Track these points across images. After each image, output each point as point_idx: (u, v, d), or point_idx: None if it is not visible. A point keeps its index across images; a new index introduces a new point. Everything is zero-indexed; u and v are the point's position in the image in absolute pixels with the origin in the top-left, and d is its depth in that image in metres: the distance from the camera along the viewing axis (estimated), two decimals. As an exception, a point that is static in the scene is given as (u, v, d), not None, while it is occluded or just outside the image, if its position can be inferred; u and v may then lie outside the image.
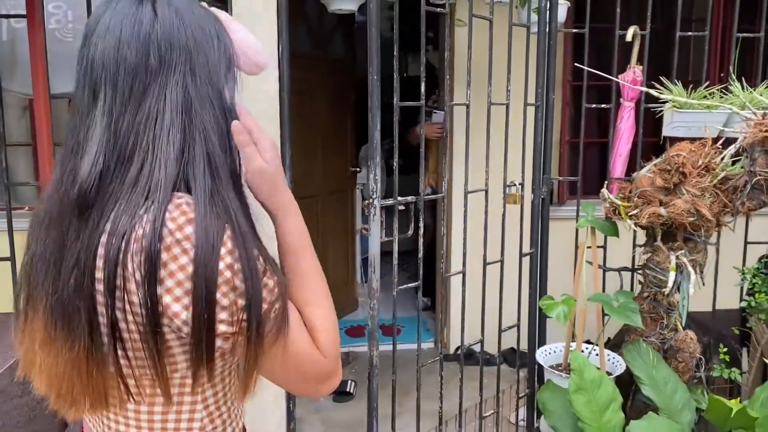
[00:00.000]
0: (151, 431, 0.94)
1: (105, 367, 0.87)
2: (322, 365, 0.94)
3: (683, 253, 2.32)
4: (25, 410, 1.81)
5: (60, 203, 0.89)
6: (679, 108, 2.41)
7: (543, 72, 2.62)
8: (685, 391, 2.31)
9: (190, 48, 0.90)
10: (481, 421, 2.61)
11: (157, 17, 0.89)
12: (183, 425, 0.95)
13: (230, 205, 0.87)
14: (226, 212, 0.86)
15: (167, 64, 0.88)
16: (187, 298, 0.83)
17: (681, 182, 2.24)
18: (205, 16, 0.94)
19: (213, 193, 0.86)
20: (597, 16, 3.04)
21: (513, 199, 2.61)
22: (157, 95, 0.88)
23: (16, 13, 2.37)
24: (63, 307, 0.86)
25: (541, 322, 2.79)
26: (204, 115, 0.89)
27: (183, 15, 0.90)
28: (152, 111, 0.87)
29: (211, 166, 0.88)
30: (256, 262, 0.87)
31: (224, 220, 0.85)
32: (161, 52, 0.88)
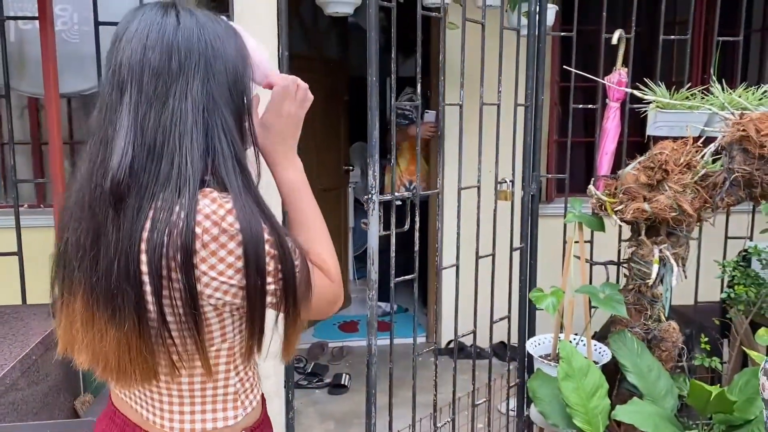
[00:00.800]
0: (191, 399, 1.04)
1: (153, 344, 0.96)
2: (333, 290, 1.09)
3: (666, 246, 2.43)
4: (33, 401, 1.88)
5: (92, 194, 0.97)
6: (662, 108, 2.52)
7: (533, 74, 2.72)
8: (668, 378, 2.42)
9: (208, 55, 0.98)
10: (474, 408, 2.71)
11: (180, 26, 0.98)
12: (220, 392, 1.06)
13: (259, 197, 0.99)
14: (257, 203, 0.98)
15: (187, 68, 0.97)
16: (242, 279, 0.94)
17: (664, 179, 2.35)
18: (225, 28, 1.02)
19: (244, 187, 0.97)
20: (584, 19, 3.15)
21: (504, 196, 2.71)
22: (179, 96, 0.96)
23: (24, 15, 2.44)
24: (107, 291, 0.95)
25: (530, 315, 2.90)
26: (226, 117, 0.99)
27: (203, 25, 0.99)
28: (176, 111, 0.96)
29: (240, 164, 0.99)
30: (287, 242, 0.99)
31: (258, 210, 0.96)
32: (181, 57, 0.97)
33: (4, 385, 1.66)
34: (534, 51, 2.71)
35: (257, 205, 0.97)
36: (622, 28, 2.70)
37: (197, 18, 1.00)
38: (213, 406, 1.07)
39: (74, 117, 3.95)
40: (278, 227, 0.99)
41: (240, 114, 1.02)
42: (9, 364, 1.70)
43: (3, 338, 1.90)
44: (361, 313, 4.80)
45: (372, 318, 2.18)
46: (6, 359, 1.74)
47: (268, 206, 1.01)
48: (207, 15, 1.02)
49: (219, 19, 1.04)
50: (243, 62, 1.03)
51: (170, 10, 1.00)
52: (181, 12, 1.00)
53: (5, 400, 1.68)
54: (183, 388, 1.04)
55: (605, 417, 2.26)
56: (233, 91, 1.00)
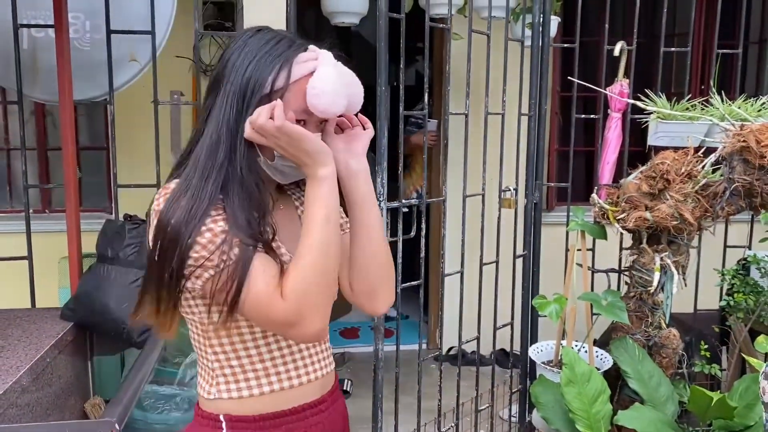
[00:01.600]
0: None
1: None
2: (280, 309, 1.04)
3: (667, 255, 2.47)
4: (43, 403, 1.91)
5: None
6: (663, 119, 2.57)
7: (536, 84, 2.77)
8: (669, 384, 2.45)
9: (230, 74, 1.10)
10: (477, 414, 2.74)
11: (237, 44, 1.12)
12: (204, 362, 1.19)
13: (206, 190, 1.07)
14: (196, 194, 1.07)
15: (220, 81, 1.11)
16: (152, 255, 1.10)
17: (665, 188, 2.39)
18: (271, 54, 1.09)
19: (194, 178, 1.07)
20: (585, 30, 3.20)
21: (507, 204, 2.76)
22: (213, 102, 1.11)
23: (37, 23, 2.48)
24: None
25: (533, 321, 2.93)
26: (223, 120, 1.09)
27: (244, 49, 1.10)
28: (209, 110, 1.11)
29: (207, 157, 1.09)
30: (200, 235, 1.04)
31: (191, 199, 1.06)
32: (221, 73, 1.11)
33: (20, 386, 1.68)
34: (538, 62, 2.76)
35: (193, 196, 1.05)
36: (623, 40, 2.75)
37: (248, 42, 1.11)
38: (201, 373, 1.20)
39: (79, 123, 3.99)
40: (195, 217, 1.04)
41: (239, 116, 1.09)
42: (24, 367, 1.73)
43: (17, 341, 1.93)
44: (362, 320, 4.83)
45: (379, 323, 2.21)
46: (21, 361, 1.77)
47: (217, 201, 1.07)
48: (260, 41, 1.11)
49: (272, 45, 1.10)
50: (258, 79, 1.09)
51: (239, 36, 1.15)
52: (240, 38, 1.14)
53: (21, 401, 1.71)
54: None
55: (607, 422, 2.29)
56: (238, 99, 1.09)
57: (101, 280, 2.09)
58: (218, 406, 1.16)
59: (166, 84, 2.69)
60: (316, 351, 1.23)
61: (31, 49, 2.51)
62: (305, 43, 1.13)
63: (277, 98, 1.07)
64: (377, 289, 1.21)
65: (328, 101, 1.07)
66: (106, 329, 2.12)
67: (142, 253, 2.13)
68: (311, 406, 1.21)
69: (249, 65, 1.08)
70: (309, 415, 1.20)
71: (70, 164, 2.24)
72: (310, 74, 1.08)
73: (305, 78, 1.08)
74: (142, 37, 2.42)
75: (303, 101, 1.08)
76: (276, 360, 1.17)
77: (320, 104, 1.07)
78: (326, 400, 1.24)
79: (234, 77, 1.08)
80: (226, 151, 1.07)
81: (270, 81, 1.07)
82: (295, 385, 1.19)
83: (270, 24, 1.20)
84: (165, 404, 2.34)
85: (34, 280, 2.46)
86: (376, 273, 1.20)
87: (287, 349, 1.18)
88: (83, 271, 2.27)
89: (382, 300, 1.22)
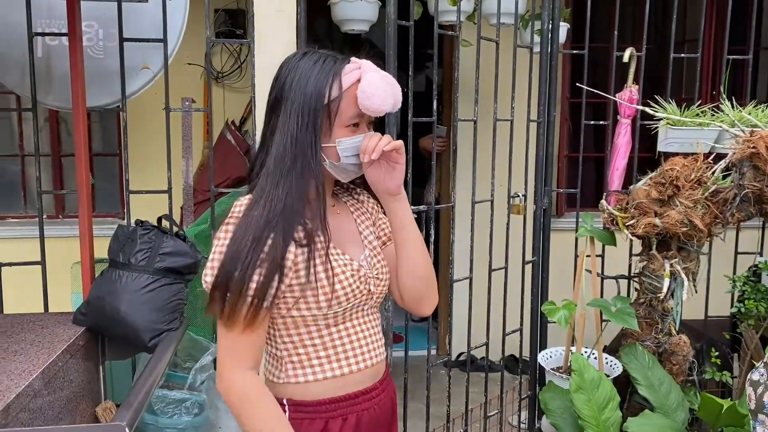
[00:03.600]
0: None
1: None
2: (221, 364, 1.25)
3: (677, 261, 2.47)
4: (55, 407, 1.93)
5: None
6: (673, 125, 2.57)
7: (545, 90, 2.77)
8: (679, 391, 2.44)
9: (290, 94, 1.26)
10: (486, 420, 2.74)
11: (288, 67, 1.29)
12: (271, 351, 1.35)
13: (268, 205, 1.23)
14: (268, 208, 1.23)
15: (281, 101, 1.27)
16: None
17: (675, 194, 2.39)
18: (323, 70, 1.26)
19: (262, 190, 1.24)
20: (595, 37, 3.21)
21: (517, 210, 2.76)
22: (276, 120, 1.27)
23: (51, 32, 2.51)
24: None
25: (542, 327, 2.93)
26: (287, 134, 1.25)
27: (296, 71, 1.27)
28: (274, 128, 1.27)
29: (274, 171, 1.25)
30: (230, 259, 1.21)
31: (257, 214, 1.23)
32: (280, 94, 1.28)
33: (32, 390, 1.70)
34: (547, 68, 2.76)
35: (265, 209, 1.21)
36: (632, 45, 2.75)
37: (300, 64, 1.28)
38: (269, 359, 1.35)
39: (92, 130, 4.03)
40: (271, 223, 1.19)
41: (306, 128, 1.24)
42: (37, 371, 1.75)
43: (30, 345, 1.95)
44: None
45: (388, 328, 2.22)
46: (33, 366, 1.79)
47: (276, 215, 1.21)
48: (310, 61, 1.27)
49: (322, 63, 1.27)
50: (320, 99, 1.25)
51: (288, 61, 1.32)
52: (289, 62, 1.31)
53: (33, 405, 1.73)
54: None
55: (617, 429, 2.29)
56: (303, 114, 1.24)
57: (113, 285, 2.11)
58: (283, 391, 1.32)
59: (179, 91, 2.72)
60: (368, 341, 1.37)
61: (46, 56, 2.54)
62: (347, 57, 1.30)
63: (334, 107, 1.25)
64: (422, 297, 1.41)
65: (379, 101, 1.24)
66: (118, 334, 2.14)
67: (153, 259, 2.14)
68: (363, 393, 1.35)
69: (307, 83, 1.25)
70: (361, 402, 1.35)
71: (82, 170, 2.26)
72: (357, 82, 1.25)
73: (353, 86, 1.25)
74: (154, 45, 2.44)
75: (355, 105, 1.25)
76: (337, 348, 1.32)
77: (372, 104, 1.24)
78: (377, 388, 1.39)
79: (294, 95, 1.25)
80: (292, 159, 1.23)
81: (326, 93, 1.24)
82: (354, 371, 1.34)
83: (279, 31, 1.29)
84: (175, 408, 2.35)
85: (48, 284, 2.49)
86: (418, 284, 1.39)
87: (347, 338, 1.33)
88: (95, 276, 2.30)
89: (427, 305, 1.43)
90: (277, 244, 1.19)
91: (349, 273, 1.30)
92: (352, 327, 1.35)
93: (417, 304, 1.42)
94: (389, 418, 1.44)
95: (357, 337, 1.35)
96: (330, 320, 1.30)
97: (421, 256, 1.38)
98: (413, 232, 1.37)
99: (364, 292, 1.33)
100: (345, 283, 1.29)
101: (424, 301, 1.42)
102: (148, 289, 2.10)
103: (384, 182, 1.31)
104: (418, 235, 1.37)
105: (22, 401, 1.64)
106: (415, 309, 1.44)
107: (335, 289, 1.27)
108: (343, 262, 1.30)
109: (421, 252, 1.38)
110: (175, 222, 2.34)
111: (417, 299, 1.42)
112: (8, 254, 2.52)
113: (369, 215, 1.45)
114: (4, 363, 1.80)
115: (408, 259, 1.37)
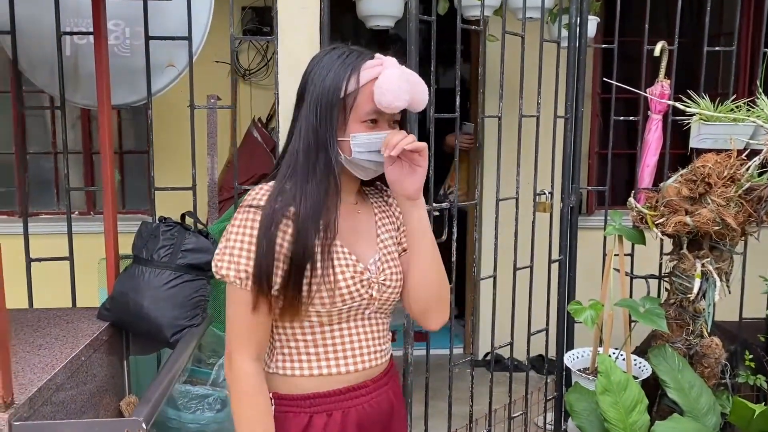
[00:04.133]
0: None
1: None
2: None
3: (709, 261, 2.40)
4: (80, 400, 1.95)
5: None
6: (706, 121, 2.49)
7: (572, 85, 2.71)
8: (710, 395, 2.37)
9: (311, 86, 1.27)
10: (510, 421, 2.70)
11: (314, 62, 1.30)
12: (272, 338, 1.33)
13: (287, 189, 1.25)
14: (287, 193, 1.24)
15: (304, 93, 1.28)
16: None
17: (706, 192, 2.32)
18: (343, 64, 1.25)
19: (284, 177, 1.25)
20: (627, 30, 3.13)
21: (542, 208, 2.71)
22: (298, 112, 1.28)
23: (79, 31, 2.55)
24: None
25: (569, 327, 2.88)
26: (307, 125, 1.25)
27: (320, 64, 1.27)
28: (296, 119, 1.29)
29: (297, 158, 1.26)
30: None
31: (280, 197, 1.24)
32: (303, 87, 1.29)
33: (54, 384, 1.73)
34: (575, 63, 2.70)
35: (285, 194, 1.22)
36: (666, 39, 2.68)
37: (322, 58, 1.28)
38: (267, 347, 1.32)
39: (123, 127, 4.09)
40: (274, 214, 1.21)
41: (323, 120, 1.24)
42: (59, 365, 1.77)
43: (55, 339, 1.98)
44: (398, 323, 4.81)
45: (409, 326, 2.20)
46: (57, 360, 1.81)
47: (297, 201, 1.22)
48: (330, 57, 1.27)
49: (341, 59, 1.26)
50: (337, 92, 1.24)
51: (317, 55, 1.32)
52: (317, 56, 1.31)
53: (55, 398, 1.75)
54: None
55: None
56: (320, 106, 1.24)
57: (136, 280, 2.13)
58: (270, 381, 1.31)
59: (207, 88, 2.73)
60: (364, 345, 1.32)
61: (74, 55, 2.57)
62: (371, 53, 1.28)
63: (350, 101, 1.24)
64: (429, 310, 1.36)
65: (391, 97, 1.21)
66: (141, 329, 2.16)
67: (175, 255, 2.16)
68: (351, 389, 1.31)
69: (326, 76, 1.25)
70: (348, 398, 1.30)
71: (107, 167, 2.29)
72: (376, 78, 1.23)
73: (372, 81, 1.23)
74: (179, 42, 2.46)
75: (371, 101, 1.23)
76: (328, 348, 1.29)
77: (384, 100, 1.21)
78: (368, 386, 1.33)
79: (314, 88, 1.25)
80: (310, 150, 1.24)
81: (343, 86, 1.23)
82: (343, 372, 1.30)
83: (303, 28, 1.29)
84: (198, 404, 2.37)
85: (80, 280, 2.52)
86: (425, 296, 1.34)
87: (339, 339, 1.29)
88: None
89: (433, 319, 1.37)
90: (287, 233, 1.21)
91: (349, 274, 1.26)
92: (348, 329, 1.30)
93: (424, 317, 1.37)
94: (385, 418, 1.38)
95: (351, 340, 1.31)
96: (324, 318, 1.27)
97: (431, 268, 1.33)
98: (426, 241, 1.32)
99: (365, 296, 1.29)
100: (342, 283, 1.25)
101: (431, 315, 1.36)
102: (171, 285, 2.12)
103: (403, 184, 1.26)
104: (431, 245, 1.33)
105: (44, 394, 1.67)
106: (422, 322, 1.38)
107: (335, 287, 1.24)
108: (346, 261, 1.27)
109: (432, 264, 1.33)
110: (199, 219, 2.35)
111: (424, 312, 1.36)
112: (43, 249, 2.55)
113: (394, 219, 1.41)
114: (28, 357, 1.83)
115: (418, 268, 1.32)
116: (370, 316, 1.33)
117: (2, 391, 1.49)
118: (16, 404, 1.53)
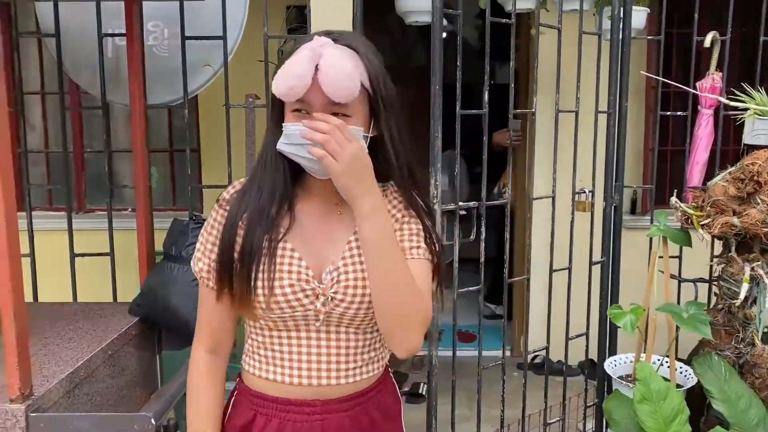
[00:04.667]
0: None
1: None
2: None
3: (759, 264, 2.25)
4: (113, 392, 2.00)
5: None
6: (761, 116, 2.34)
7: (616, 79, 2.60)
8: (761, 407, 2.22)
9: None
10: (546, 427, 2.61)
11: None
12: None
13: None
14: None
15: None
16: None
17: (756, 191, 2.17)
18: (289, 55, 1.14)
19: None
20: (683, 21, 2.97)
21: (582, 207, 2.61)
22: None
23: (120, 32, 2.61)
24: None
25: (612, 332, 2.76)
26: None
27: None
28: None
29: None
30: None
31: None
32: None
33: (78, 377, 1.77)
34: (618, 56, 2.59)
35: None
36: (723, 29, 2.53)
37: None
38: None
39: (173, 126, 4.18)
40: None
41: (271, 112, 1.20)
42: (83, 358, 1.82)
43: (85, 333, 2.03)
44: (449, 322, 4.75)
45: (432, 330, 2.16)
46: (82, 353, 1.86)
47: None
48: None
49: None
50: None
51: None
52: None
53: (80, 391, 1.80)
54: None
55: (685, 445, 2.12)
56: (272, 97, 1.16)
57: (165, 277, 2.17)
58: (243, 374, 1.31)
59: (247, 87, 2.76)
60: (315, 360, 1.22)
61: (115, 57, 2.65)
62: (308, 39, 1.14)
63: (277, 99, 1.14)
64: (389, 332, 1.18)
65: (278, 82, 1.09)
66: (170, 325, 2.20)
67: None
68: (297, 403, 1.23)
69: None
70: (289, 411, 1.23)
71: (140, 166, 2.34)
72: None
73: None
74: (216, 42, 2.49)
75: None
76: (275, 353, 1.23)
77: (274, 86, 1.10)
78: (316, 405, 1.23)
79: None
80: (270, 144, 1.18)
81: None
82: (287, 382, 1.23)
83: (335, 25, 1.22)
84: (229, 400, 2.39)
85: (124, 275, 2.60)
86: (381, 316, 1.16)
87: (287, 348, 1.22)
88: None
89: (397, 344, 1.18)
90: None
91: (288, 281, 1.16)
92: (297, 339, 1.20)
93: (388, 340, 1.20)
94: None
95: (300, 351, 1.21)
96: (270, 323, 1.20)
97: (386, 289, 1.13)
98: (374, 257, 1.12)
99: (309, 307, 1.17)
100: (278, 291, 1.15)
101: (391, 340, 1.18)
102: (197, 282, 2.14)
103: (336, 185, 1.11)
104: (386, 262, 1.12)
105: (64, 386, 1.71)
106: (389, 346, 1.22)
107: (270, 293, 1.16)
108: (290, 267, 1.17)
109: (384, 284, 1.13)
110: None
111: (386, 333, 1.18)
112: (97, 244, 2.63)
113: (393, 221, 1.22)
114: (57, 350, 1.89)
115: (373, 286, 1.14)
116: (331, 330, 1.20)
117: (20, 383, 1.53)
118: (34, 396, 1.58)
